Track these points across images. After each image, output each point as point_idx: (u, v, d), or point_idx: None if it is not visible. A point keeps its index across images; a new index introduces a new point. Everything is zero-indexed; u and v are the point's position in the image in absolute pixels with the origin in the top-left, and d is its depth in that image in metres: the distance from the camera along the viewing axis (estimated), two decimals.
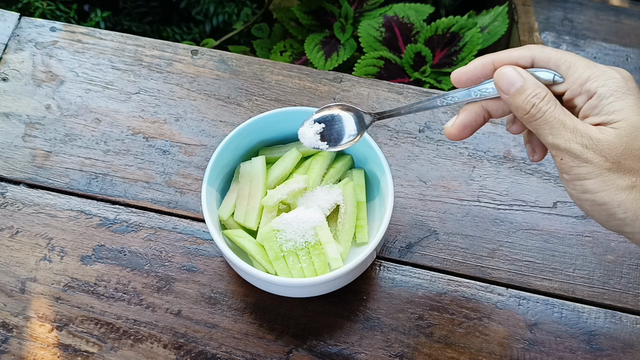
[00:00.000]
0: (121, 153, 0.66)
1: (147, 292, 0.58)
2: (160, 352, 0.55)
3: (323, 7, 1.12)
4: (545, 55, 0.38)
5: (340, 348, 0.56)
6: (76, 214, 0.62)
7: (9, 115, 0.68)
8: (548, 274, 0.60)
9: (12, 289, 0.58)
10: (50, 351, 0.55)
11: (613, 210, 0.35)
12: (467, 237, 0.61)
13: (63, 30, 0.74)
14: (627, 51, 1.20)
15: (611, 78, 0.35)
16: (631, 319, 0.58)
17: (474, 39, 0.99)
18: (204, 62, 0.72)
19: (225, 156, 0.57)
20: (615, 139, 0.34)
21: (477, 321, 0.57)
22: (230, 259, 0.51)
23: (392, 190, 0.54)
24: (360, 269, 0.54)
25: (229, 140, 0.56)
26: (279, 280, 0.50)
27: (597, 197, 0.35)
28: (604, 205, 0.35)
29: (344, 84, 0.71)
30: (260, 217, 0.56)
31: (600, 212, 0.35)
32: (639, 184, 0.34)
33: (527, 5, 1.14)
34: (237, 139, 0.57)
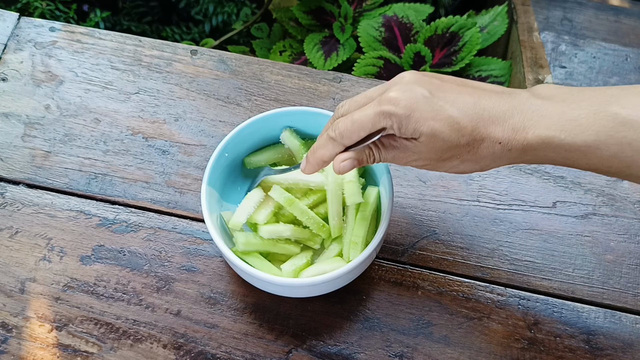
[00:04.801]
0: (120, 153, 0.66)
1: (147, 292, 0.58)
2: (159, 352, 0.55)
3: (322, 7, 1.12)
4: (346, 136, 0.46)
5: (339, 348, 0.56)
6: (75, 214, 0.62)
7: (9, 116, 0.68)
8: (548, 274, 0.60)
9: (11, 289, 0.58)
10: (50, 351, 0.55)
11: (464, 173, 0.47)
12: (466, 236, 0.61)
13: (62, 30, 0.74)
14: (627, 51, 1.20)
15: (393, 112, 0.43)
16: (631, 319, 0.58)
17: (473, 38, 0.99)
18: (204, 62, 0.72)
19: (224, 156, 0.57)
20: (425, 148, 0.44)
21: (476, 321, 0.57)
22: (230, 259, 0.51)
23: (392, 190, 0.54)
24: (360, 269, 0.54)
25: (229, 140, 0.56)
26: (279, 280, 0.50)
27: (449, 172, 0.47)
28: (457, 173, 0.48)
29: (344, 83, 0.71)
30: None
31: (460, 174, 0.50)
32: (464, 159, 0.44)
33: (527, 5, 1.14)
34: (236, 139, 0.57)
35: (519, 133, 0.42)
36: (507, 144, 0.43)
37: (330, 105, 0.69)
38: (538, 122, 0.42)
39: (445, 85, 0.44)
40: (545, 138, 0.41)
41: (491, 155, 0.44)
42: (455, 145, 0.43)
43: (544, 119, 0.42)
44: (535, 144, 0.42)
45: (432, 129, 0.42)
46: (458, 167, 0.46)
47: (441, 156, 0.44)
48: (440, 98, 0.43)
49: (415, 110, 0.42)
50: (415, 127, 0.43)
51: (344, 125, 0.45)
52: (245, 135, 0.58)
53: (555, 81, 1.11)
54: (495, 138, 0.43)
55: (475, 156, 0.44)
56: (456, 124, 0.42)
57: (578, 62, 1.18)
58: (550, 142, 0.41)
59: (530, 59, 1.02)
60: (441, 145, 0.43)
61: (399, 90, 0.43)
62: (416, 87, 0.43)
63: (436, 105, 0.43)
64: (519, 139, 0.42)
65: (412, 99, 0.43)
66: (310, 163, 0.49)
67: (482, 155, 0.44)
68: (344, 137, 0.46)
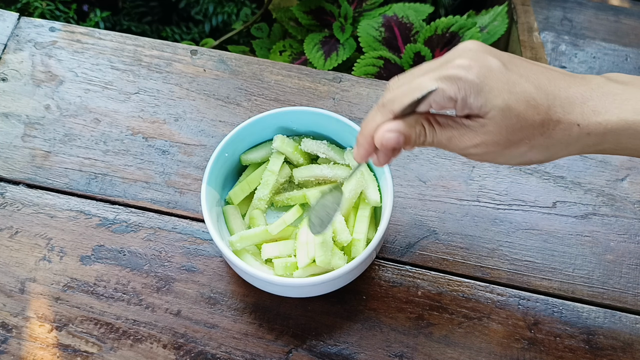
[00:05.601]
0: (120, 153, 0.66)
1: (147, 292, 0.58)
2: (159, 352, 0.55)
3: (322, 7, 1.12)
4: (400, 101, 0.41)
5: (339, 348, 0.56)
6: (75, 214, 0.62)
7: (9, 116, 0.68)
8: (548, 274, 0.60)
9: (11, 289, 0.58)
10: (50, 351, 0.55)
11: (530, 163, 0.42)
12: (466, 236, 0.61)
13: (62, 30, 0.74)
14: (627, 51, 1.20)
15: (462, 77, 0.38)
16: (630, 319, 0.58)
17: (473, 38, 0.99)
18: (204, 62, 0.72)
19: (224, 156, 0.57)
20: (494, 127, 0.39)
21: (476, 321, 0.57)
22: (230, 259, 0.51)
23: (392, 190, 0.54)
24: (360, 269, 0.54)
25: (229, 140, 0.56)
26: (279, 280, 0.50)
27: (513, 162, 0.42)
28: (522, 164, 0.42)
29: (344, 83, 0.71)
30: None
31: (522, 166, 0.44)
32: (535, 143, 0.40)
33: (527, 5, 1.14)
34: (236, 139, 0.57)
35: (600, 115, 0.38)
36: (586, 127, 0.39)
37: (330, 105, 0.69)
38: (621, 105, 0.38)
39: (516, 60, 0.40)
40: (632, 122, 0.38)
41: (566, 139, 0.39)
42: (529, 125, 0.38)
43: (629, 102, 0.38)
44: (620, 127, 0.38)
45: (507, 102, 0.38)
46: (525, 155, 0.41)
47: (510, 139, 0.39)
48: (514, 71, 0.39)
49: (489, 79, 0.38)
50: (487, 99, 0.38)
51: (398, 90, 0.40)
52: (245, 135, 0.58)
53: None
54: (573, 120, 0.39)
55: (548, 140, 0.39)
56: (532, 99, 0.38)
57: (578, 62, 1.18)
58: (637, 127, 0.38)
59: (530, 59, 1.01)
60: (514, 124, 0.38)
61: (469, 58, 0.39)
62: (488, 56, 0.39)
63: (510, 77, 0.38)
64: (601, 122, 0.38)
65: (485, 68, 0.38)
66: (359, 144, 0.43)
67: (557, 138, 0.39)
68: (395, 103, 0.40)
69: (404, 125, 0.41)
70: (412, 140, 0.41)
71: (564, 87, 0.39)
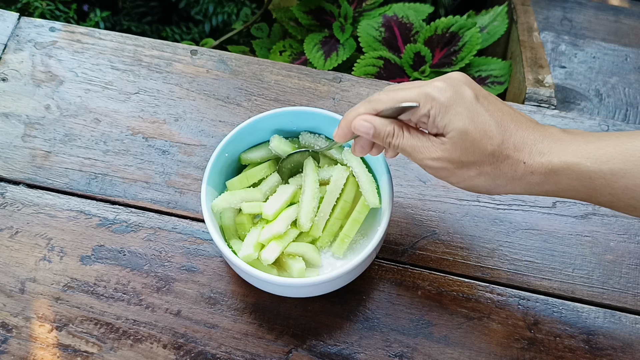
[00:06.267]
0: (121, 153, 0.66)
1: (147, 292, 0.58)
2: (159, 352, 0.55)
3: (322, 7, 1.12)
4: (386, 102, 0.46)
5: (339, 348, 0.56)
6: (76, 214, 0.62)
7: (9, 116, 0.68)
8: (547, 274, 0.60)
9: (11, 289, 0.58)
10: (50, 351, 0.55)
11: (477, 189, 0.46)
12: (466, 236, 0.61)
13: (62, 30, 0.74)
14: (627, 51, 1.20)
15: (436, 97, 0.43)
16: (630, 319, 0.58)
17: (473, 38, 0.99)
18: (204, 62, 0.72)
19: (224, 156, 0.57)
20: (451, 146, 0.44)
21: (476, 321, 0.57)
22: (230, 259, 0.51)
23: (392, 190, 0.54)
24: (359, 269, 0.54)
25: (229, 140, 0.56)
26: (279, 280, 0.50)
27: (462, 185, 0.46)
28: (470, 188, 0.46)
29: (344, 83, 0.71)
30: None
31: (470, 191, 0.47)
32: (483, 170, 0.44)
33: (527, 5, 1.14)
34: (236, 139, 0.57)
35: (545, 157, 0.43)
36: (531, 166, 0.43)
37: (330, 105, 0.69)
38: (565, 149, 0.42)
39: (491, 98, 0.45)
40: (570, 164, 0.42)
41: (512, 174, 0.44)
42: (481, 152, 0.43)
43: (570, 147, 0.42)
44: (560, 169, 0.42)
45: (465, 126, 0.43)
46: (473, 179, 0.45)
47: (463, 160, 0.44)
48: (483, 104, 0.44)
49: (457, 104, 0.43)
50: (450, 120, 0.43)
51: (384, 94, 0.46)
52: (245, 136, 0.58)
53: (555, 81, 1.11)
54: (520, 158, 0.43)
55: (495, 170, 0.44)
56: (489, 130, 0.43)
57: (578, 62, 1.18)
58: (575, 169, 0.42)
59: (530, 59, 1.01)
60: (468, 147, 0.43)
61: (448, 84, 0.44)
62: (465, 86, 0.44)
63: (476, 108, 0.43)
64: (543, 162, 0.43)
65: (457, 94, 0.43)
66: (340, 126, 0.49)
67: (503, 171, 0.44)
68: (380, 102, 0.46)
69: (379, 120, 0.46)
70: (381, 136, 0.46)
71: (520, 130, 0.44)
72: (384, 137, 0.46)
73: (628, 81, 1.14)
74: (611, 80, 1.14)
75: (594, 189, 0.42)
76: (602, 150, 0.42)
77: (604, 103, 1.08)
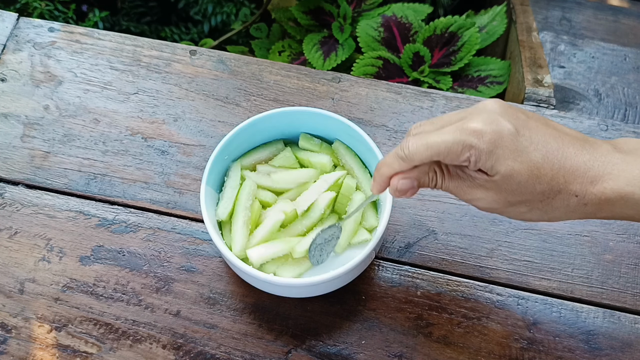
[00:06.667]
0: (120, 153, 0.66)
1: (146, 292, 0.58)
2: (159, 352, 0.55)
3: (321, 7, 1.12)
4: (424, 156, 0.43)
5: (339, 348, 0.56)
6: (75, 214, 0.62)
7: (8, 116, 0.68)
8: (547, 274, 0.60)
9: (10, 289, 0.58)
10: (49, 352, 0.55)
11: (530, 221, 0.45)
12: (465, 236, 0.61)
13: (61, 31, 0.74)
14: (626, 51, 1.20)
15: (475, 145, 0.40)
16: (630, 319, 0.58)
17: (472, 38, 0.99)
18: (203, 63, 0.72)
19: (223, 156, 0.57)
20: (497, 188, 0.42)
21: (475, 321, 0.57)
22: (230, 259, 0.51)
23: None
24: (359, 269, 0.54)
25: (228, 140, 0.56)
26: (278, 281, 0.50)
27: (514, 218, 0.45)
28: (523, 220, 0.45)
29: (343, 84, 0.71)
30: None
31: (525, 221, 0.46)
32: (534, 207, 0.42)
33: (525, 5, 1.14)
34: (235, 139, 0.57)
35: (596, 186, 0.40)
36: (583, 197, 0.41)
37: (329, 106, 0.69)
38: (618, 176, 0.40)
39: (531, 122, 0.42)
40: (624, 194, 0.40)
41: (565, 207, 0.42)
42: (529, 192, 0.41)
43: (623, 173, 0.40)
44: (614, 198, 0.40)
45: (511, 170, 0.40)
46: (524, 214, 0.43)
47: (510, 200, 0.42)
48: (526, 137, 0.41)
49: (499, 147, 0.40)
50: (494, 164, 0.41)
51: (415, 145, 0.43)
52: (245, 136, 0.58)
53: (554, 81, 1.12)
54: (572, 191, 0.41)
55: (547, 206, 0.42)
56: (537, 169, 0.41)
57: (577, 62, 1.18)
58: (629, 198, 0.40)
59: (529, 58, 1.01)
60: (515, 189, 0.41)
61: (484, 122, 0.41)
62: (502, 120, 0.41)
63: (521, 145, 0.40)
64: (596, 193, 0.40)
65: (497, 134, 0.40)
66: (376, 182, 0.47)
67: (555, 206, 0.42)
68: (414, 159, 0.43)
69: (418, 172, 0.45)
70: (425, 184, 0.45)
71: (570, 156, 0.41)
72: (427, 185, 0.45)
73: (627, 81, 1.14)
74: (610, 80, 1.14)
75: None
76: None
77: (603, 103, 1.08)
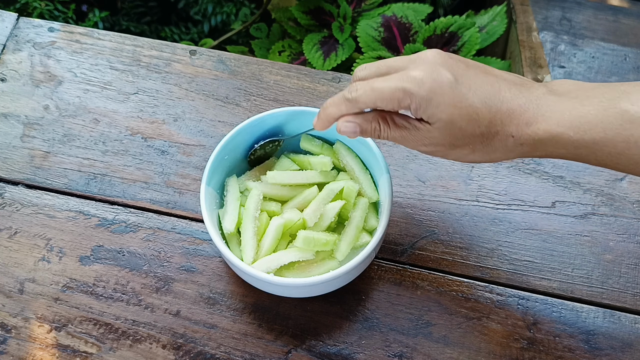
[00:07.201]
0: (120, 153, 0.66)
1: (146, 292, 0.58)
2: (159, 352, 0.55)
3: (321, 7, 1.12)
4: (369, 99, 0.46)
5: (339, 348, 0.56)
6: (75, 214, 0.62)
7: (7, 116, 0.68)
8: (547, 274, 0.60)
9: (10, 289, 0.58)
10: (49, 352, 0.55)
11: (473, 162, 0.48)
12: (465, 236, 0.61)
13: (61, 31, 0.74)
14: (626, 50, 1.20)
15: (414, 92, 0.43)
16: (630, 319, 0.58)
17: (472, 38, 0.99)
18: (203, 62, 0.72)
19: (223, 156, 0.57)
20: (439, 134, 0.44)
21: (476, 321, 0.57)
22: (229, 259, 0.51)
23: (391, 190, 0.54)
24: (359, 269, 0.54)
25: (228, 140, 0.56)
26: (278, 281, 0.50)
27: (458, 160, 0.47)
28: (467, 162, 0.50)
29: (343, 83, 0.71)
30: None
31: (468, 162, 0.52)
32: (475, 148, 0.45)
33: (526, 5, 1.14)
34: (235, 139, 0.57)
35: (531, 128, 0.43)
36: (519, 138, 0.43)
37: None
38: (550, 117, 0.42)
39: (470, 71, 0.44)
40: (555, 134, 0.42)
41: (503, 147, 0.44)
42: (470, 135, 0.44)
43: (555, 115, 0.42)
44: (546, 139, 0.43)
45: (451, 116, 0.43)
46: (467, 156, 0.46)
47: (453, 143, 0.45)
48: (465, 85, 0.43)
49: (438, 94, 0.42)
50: (434, 111, 0.43)
51: (362, 90, 0.45)
52: (245, 136, 0.58)
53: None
54: (509, 132, 0.43)
55: (487, 147, 0.45)
56: (475, 114, 0.43)
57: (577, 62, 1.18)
58: (559, 139, 0.42)
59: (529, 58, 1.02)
60: (457, 133, 0.44)
61: (425, 71, 0.43)
62: (442, 69, 0.43)
63: (460, 92, 0.42)
64: (530, 134, 0.43)
65: (436, 83, 0.42)
66: (320, 119, 0.49)
67: (495, 147, 0.44)
68: (359, 102, 0.45)
69: (362, 119, 0.47)
70: (368, 133, 0.47)
71: (507, 100, 0.43)
72: (370, 133, 0.47)
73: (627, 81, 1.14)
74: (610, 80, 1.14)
75: (581, 156, 0.43)
76: (584, 119, 0.41)
77: None
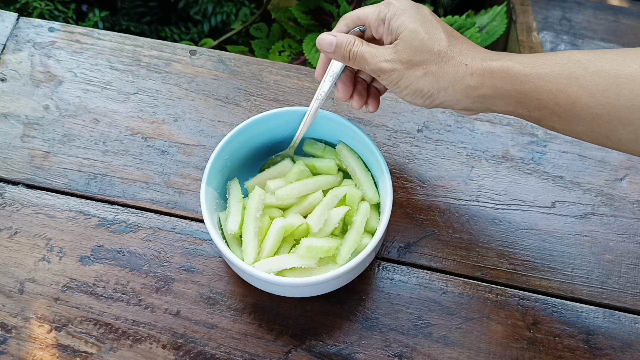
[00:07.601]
0: (120, 153, 0.66)
1: (146, 292, 0.58)
2: (159, 352, 0.55)
3: (321, 7, 1.12)
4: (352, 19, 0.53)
5: (339, 348, 0.56)
6: (75, 214, 0.62)
7: (8, 116, 0.68)
8: (547, 274, 0.60)
9: (10, 289, 0.58)
10: (49, 352, 0.55)
11: (422, 93, 0.49)
12: (465, 236, 0.61)
13: (61, 31, 0.74)
14: None
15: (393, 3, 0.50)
16: (629, 319, 0.58)
17: (472, 38, 0.99)
18: (203, 62, 0.72)
19: (223, 156, 0.57)
20: (402, 46, 0.48)
21: (476, 321, 0.57)
22: (230, 259, 0.51)
23: (391, 190, 0.54)
24: (359, 269, 0.54)
25: (228, 140, 0.56)
26: (278, 280, 0.50)
27: (410, 89, 0.50)
28: (417, 92, 0.49)
29: None
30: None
31: (417, 98, 0.50)
32: (429, 69, 0.48)
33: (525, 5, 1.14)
34: (235, 139, 0.57)
35: (485, 62, 0.47)
36: (471, 67, 0.47)
37: (329, 106, 0.69)
38: (504, 57, 0.47)
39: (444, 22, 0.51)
40: (506, 66, 0.46)
41: (454, 74, 0.48)
42: (428, 50, 0.48)
43: (509, 56, 0.47)
44: (496, 70, 0.46)
45: (416, 27, 0.48)
46: (419, 80, 0.49)
47: (411, 59, 0.48)
48: (436, 19, 0.49)
49: (411, 10, 0.49)
50: (403, 20, 0.48)
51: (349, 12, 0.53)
52: (245, 136, 0.58)
53: None
54: (464, 60, 0.48)
55: (440, 70, 0.48)
56: (437, 34, 0.48)
57: None
58: (509, 71, 0.46)
59: None
60: (417, 46, 0.48)
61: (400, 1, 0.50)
62: (425, 7, 0.50)
63: (429, 18, 0.49)
64: (483, 65, 0.47)
65: (414, 6, 0.50)
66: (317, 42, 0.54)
67: (446, 71, 0.48)
68: (346, 17, 0.53)
69: (341, 34, 0.52)
70: (342, 46, 0.51)
71: (467, 43, 0.49)
72: (345, 46, 0.51)
73: None
74: None
75: (524, 94, 0.46)
76: (536, 57, 0.46)
77: None
